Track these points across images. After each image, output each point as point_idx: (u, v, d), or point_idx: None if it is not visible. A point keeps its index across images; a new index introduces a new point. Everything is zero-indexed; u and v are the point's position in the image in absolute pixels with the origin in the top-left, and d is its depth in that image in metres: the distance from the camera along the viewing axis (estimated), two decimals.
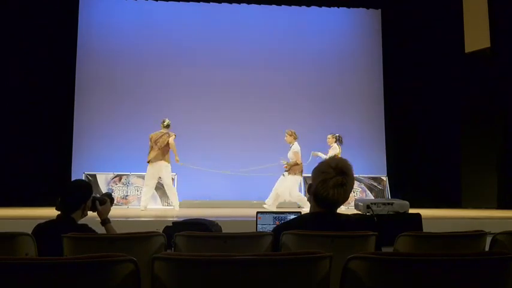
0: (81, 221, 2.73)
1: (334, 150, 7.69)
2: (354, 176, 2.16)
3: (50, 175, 8.42)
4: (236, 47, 9.35)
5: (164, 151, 7.16)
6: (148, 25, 9.27)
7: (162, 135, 7.20)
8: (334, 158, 2.16)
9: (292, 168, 7.31)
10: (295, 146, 7.43)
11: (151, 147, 7.19)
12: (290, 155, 7.44)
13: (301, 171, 7.42)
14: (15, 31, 8.42)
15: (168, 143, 7.15)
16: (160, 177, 7.39)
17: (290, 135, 7.55)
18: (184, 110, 9.03)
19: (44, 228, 2.59)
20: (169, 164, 7.22)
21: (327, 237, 2.07)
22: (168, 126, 7.32)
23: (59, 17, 8.79)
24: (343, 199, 2.10)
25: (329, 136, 7.89)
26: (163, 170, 7.20)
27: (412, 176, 9.15)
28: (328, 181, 2.06)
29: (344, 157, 2.19)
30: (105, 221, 2.82)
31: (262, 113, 9.23)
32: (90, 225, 2.69)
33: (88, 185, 2.92)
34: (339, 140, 7.82)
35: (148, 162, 7.19)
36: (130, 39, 9.16)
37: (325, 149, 7.91)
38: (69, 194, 2.75)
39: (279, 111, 9.25)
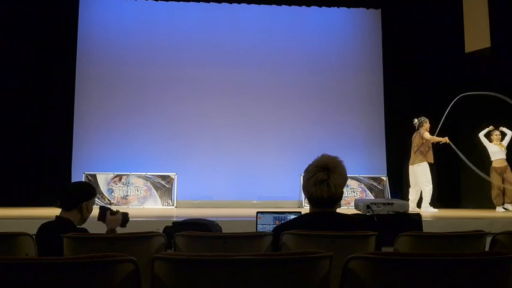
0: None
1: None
2: (345, 171, 2.12)
3: (50, 175, 8.43)
4: (236, 47, 9.35)
5: (416, 152, 7.20)
6: (147, 25, 9.26)
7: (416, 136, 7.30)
8: (321, 156, 2.16)
9: None
10: None
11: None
12: None
13: None
14: (14, 31, 8.41)
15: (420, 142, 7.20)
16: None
17: None
18: (185, 110, 9.04)
19: (44, 229, 2.58)
20: (420, 163, 7.14)
21: (327, 237, 2.07)
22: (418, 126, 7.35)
23: (58, 17, 8.79)
24: (329, 195, 2.06)
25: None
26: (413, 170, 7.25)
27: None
28: (310, 180, 2.07)
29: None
30: (110, 231, 2.79)
31: (262, 112, 9.22)
32: (89, 227, 2.70)
33: (88, 186, 2.88)
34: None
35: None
36: (130, 39, 9.15)
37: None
38: (66, 191, 2.74)
39: (278, 111, 9.25)
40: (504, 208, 7.28)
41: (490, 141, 7.58)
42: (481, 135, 7.62)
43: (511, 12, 7.87)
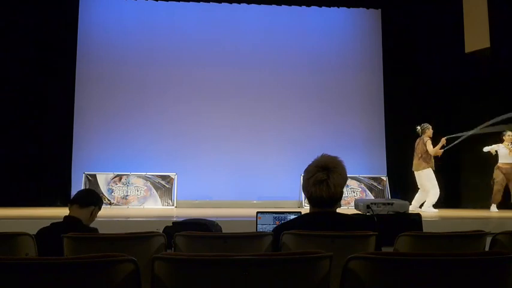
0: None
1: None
2: (345, 171, 2.12)
3: (50, 175, 8.43)
4: (236, 47, 9.35)
5: (420, 159, 7.35)
6: (147, 25, 9.26)
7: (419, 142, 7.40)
8: (321, 156, 2.16)
9: None
10: None
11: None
12: None
13: None
14: (14, 31, 8.41)
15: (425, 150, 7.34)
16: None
17: None
18: (185, 110, 9.04)
19: (47, 231, 2.58)
20: (424, 170, 7.31)
21: (327, 237, 2.07)
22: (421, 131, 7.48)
23: (58, 17, 8.78)
24: (329, 195, 2.06)
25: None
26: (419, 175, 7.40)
27: (412, 176, 9.14)
28: (310, 180, 2.07)
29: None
30: None
31: (262, 112, 9.22)
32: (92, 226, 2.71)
33: (100, 198, 3.00)
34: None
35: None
36: (130, 39, 9.15)
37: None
38: (87, 190, 2.81)
39: (278, 111, 9.25)
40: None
41: (501, 141, 7.43)
42: (486, 149, 7.52)
43: (511, 12, 7.86)
